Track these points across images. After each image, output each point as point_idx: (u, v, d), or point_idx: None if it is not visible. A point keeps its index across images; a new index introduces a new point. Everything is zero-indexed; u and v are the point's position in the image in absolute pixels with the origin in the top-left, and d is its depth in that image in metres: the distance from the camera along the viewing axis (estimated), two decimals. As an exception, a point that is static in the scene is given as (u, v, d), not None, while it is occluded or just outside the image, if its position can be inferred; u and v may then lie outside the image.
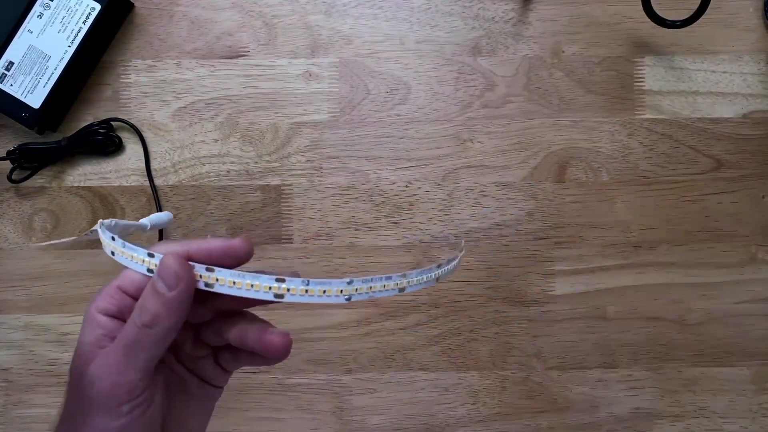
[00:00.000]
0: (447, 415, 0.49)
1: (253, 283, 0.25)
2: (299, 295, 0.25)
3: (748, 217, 0.50)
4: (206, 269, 0.25)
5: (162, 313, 0.25)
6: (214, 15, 0.50)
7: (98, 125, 0.49)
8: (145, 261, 0.26)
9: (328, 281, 0.25)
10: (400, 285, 0.27)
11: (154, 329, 0.25)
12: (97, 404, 0.25)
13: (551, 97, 0.50)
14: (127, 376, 0.25)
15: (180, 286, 0.25)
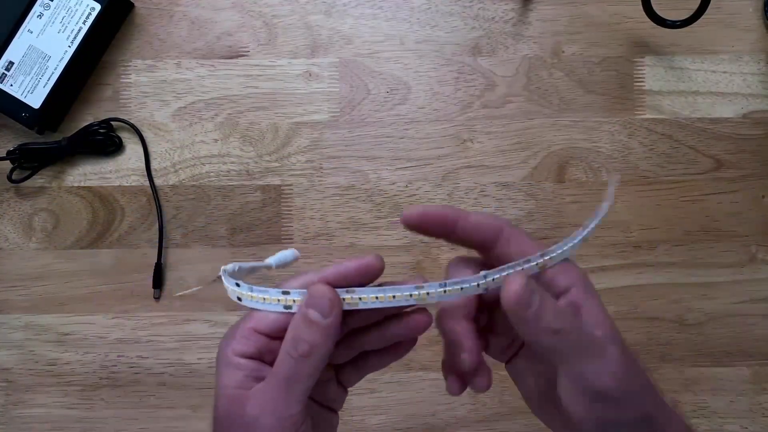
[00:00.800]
0: (448, 415, 0.49)
1: (395, 294, 0.26)
2: (438, 296, 0.27)
3: (748, 217, 0.50)
4: (347, 291, 0.26)
5: (319, 342, 0.25)
6: (214, 15, 0.50)
7: (98, 125, 0.49)
8: (281, 300, 0.26)
9: (463, 280, 0.26)
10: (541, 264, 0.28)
11: (312, 358, 0.25)
12: None
13: (551, 97, 0.50)
14: (290, 410, 0.25)
15: (334, 311, 0.25)
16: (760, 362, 0.49)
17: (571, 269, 0.28)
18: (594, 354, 0.25)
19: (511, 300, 0.25)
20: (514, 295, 0.25)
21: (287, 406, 0.25)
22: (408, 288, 0.26)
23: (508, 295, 0.25)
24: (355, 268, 0.27)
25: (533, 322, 0.25)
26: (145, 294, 0.49)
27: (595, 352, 0.26)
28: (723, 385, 0.49)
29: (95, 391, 0.49)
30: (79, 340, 0.49)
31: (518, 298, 0.25)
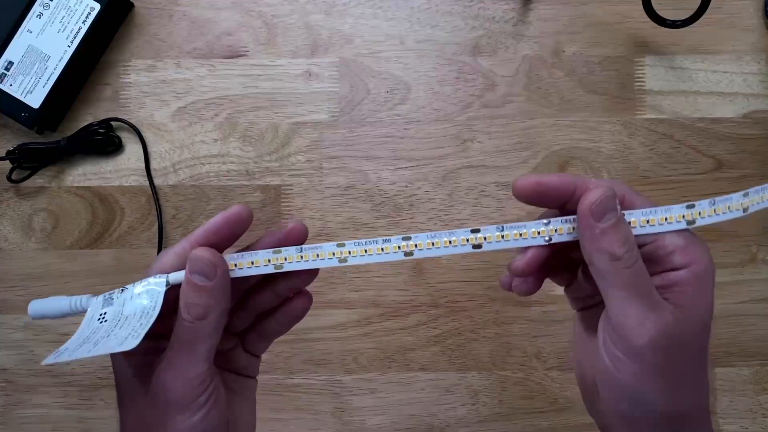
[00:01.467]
0: (447, 416, 0.49)
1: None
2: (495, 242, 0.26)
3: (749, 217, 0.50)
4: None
5: (211, 303, 0.26)
6: (214, 15, 0.50)
7: (98, 125, 0.49)
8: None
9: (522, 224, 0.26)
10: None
11: (208, 319, 0.26)
12: (174, 407, 0.26)
13: (552, 96, 0.50)
14: (196, 369, 0.26)
15: (219, 272, 0.26)
16: (761, 362, 0.49)
17: (698, 252, 0.25)
18: (644, 304, 0.24)
19: (585, 204, 0.24)
20: (589, 201, 0.24)
21: (192, 367, 0.26)
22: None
23: (584, 200, 0.24)
24: (223, 221, 0.27)
25: (597, 237, 0.24)
26: (144, 294, 0.49)
27: (646, 303, 0.24)
28: (723, 385, 0.49)
29: (95, 391, 0.49)
30: (78, 341, 0.49)
31: (592, 205, 0.24)
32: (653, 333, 0.24)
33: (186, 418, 0.26)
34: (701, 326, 0.25)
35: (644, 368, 0.24)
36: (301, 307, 0.30)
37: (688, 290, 0.25)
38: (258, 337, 0.31)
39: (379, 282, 0.49)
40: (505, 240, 0.26)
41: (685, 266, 0.25)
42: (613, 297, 0.24)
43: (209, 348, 0.26)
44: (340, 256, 0.27)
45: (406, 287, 0.49)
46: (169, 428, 0.26)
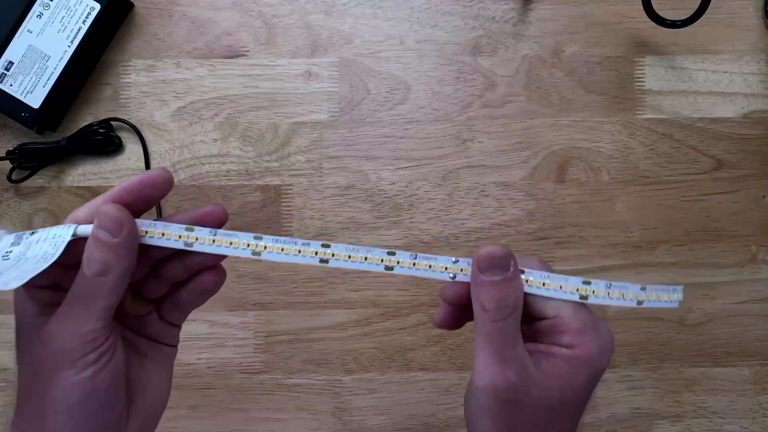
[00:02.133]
0: (447, 416, 0.49)
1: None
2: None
3: (749, 217, 0.50)
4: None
5: (112, 260, 0.25)
6: (214, 15, 0.50)
7: (98, 125, 0.49)
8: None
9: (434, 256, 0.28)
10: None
11: (108, 276, 0.25)
12: (61, 360, 0.25)
13: (551, 96, 0.50)
14: (87, 326, 0.25)
15: (124, 230, 0.26)
16: (761, 362, 0.49)
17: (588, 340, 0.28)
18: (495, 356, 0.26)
19: (477, 255, 0.27)
20: (482, 253, 0.27)
21: (84, 323, 0.25)
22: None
23: (480, 251, 0.27)
24: (138, 182, 0.27)
25: (476, 286, 0.27)
26: (144, 294, 0.49)
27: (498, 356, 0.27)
28: (723, 385, 0.49)
29: (95, 391, 0.49)
30: (78, 340, 0.49)
31: (480, 258, 0.27)
32: (488, 382, 0.26)
33: (73, 374, 0.25)
34: (554, 402, 0.27)
35: (481, 408, 0.27)
36: (212, 282, 0.30)
37: (562, 368, 0.27)
38: (172, 306, 0.30)
39: (379, 282, 0.49)
40: (416, 268, 0.27)
41: (570, 347, 0.27)
42: (477, 339, 0.27)
43: (106, 306, 0.26)
44: (255, 249, 0.27)
45: (406, 287, 0.49)
46: (55, 383, 0.25)
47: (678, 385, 0.49)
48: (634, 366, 0.49)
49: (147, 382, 0.30)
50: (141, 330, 0.30)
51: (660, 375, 0.49)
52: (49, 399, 0.25)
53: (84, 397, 0.25)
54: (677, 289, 0.29)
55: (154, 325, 0.30)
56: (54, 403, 0.25)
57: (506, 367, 0.26)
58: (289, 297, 0.49)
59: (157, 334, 0.31)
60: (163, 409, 0.31)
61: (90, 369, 0.25)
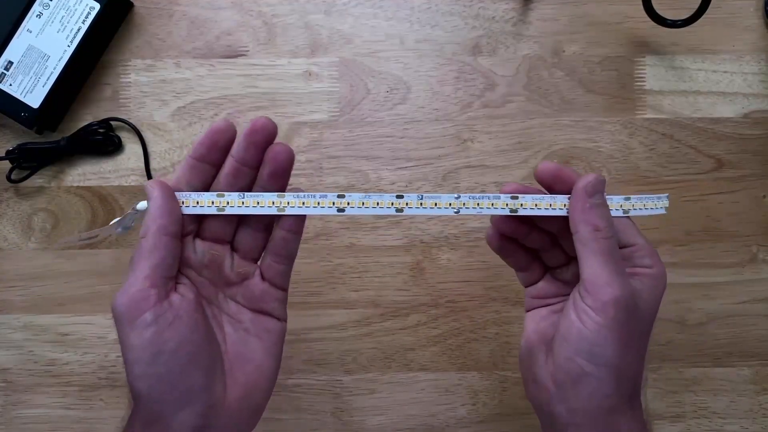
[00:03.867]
0: (447, 416, 0.49)
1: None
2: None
3: (749, 217, 0.50)
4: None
5: (147, 221, 0.28)
6: (214, 14, 0.50)
7: (97, 125, 0.49)
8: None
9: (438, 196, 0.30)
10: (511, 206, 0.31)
11: (147, 236, 0.28)
12: (126, 323, 0.27)
13: (552, 96, 0.50)
14: (136, 286, 0.27)
15: (153, 193, 0.29)
16: (761, 362, 0.49)
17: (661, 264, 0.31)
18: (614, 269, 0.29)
19: (581, 184, 0.30)
20: (585, 181, 0.30)
21: (133, 282, 0.28)
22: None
23: (581, 180, 0.30)
24: (206, 134, 0.31)
25: (586, 211, 0.29)
26: (144, 294, 0.49)
27: (616, 269, 0.29)
28: (723, 385, 0.49)
29: (94, 391, 0.49)
30: (78, 341, 0.49)
31: (588, 185, 0.30)
32: (618, 292, 0.28)
33: (138, 335, 0.27)
34: (653, 310, 0.30)
35: (605, 321, 0.28)
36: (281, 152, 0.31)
37: (648, 283, 0.30)
38: (272, 256, 0.32)
39: (379, 282, 0.49)
40: (423, 207, 0.30)
41: (650, 267, 0.31)
42: (591, 260, 0.29)
43: (150, 265, 0.28)
44: (279, 206, 0.30)
45: (406, 287, 0.49)
46: (126, 348, 0.27)
47: (678, 386, 0.49)
48: (634, 366, 0.49)
49: (250, 356, 0.31)
50: (246, 297, 0.32)
51: (660, 375, 0.49)
52: (128, 363, 0.27)
53: (151, 358, 0.27)
54: (662, 197, 0.32)
55: (257, 287, 0.32)
56: (132, 367, 0.27)
57: (626, 279, 0.29)
58: (289, 297, 0.49)
59: (262, 299, 0.32)
60: (269, 385, 0.32)
61: (150, 329, 0.27)
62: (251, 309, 0.32)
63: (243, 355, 0.31)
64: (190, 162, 0.30)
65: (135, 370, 0.27)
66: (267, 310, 0.32)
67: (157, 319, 0.27)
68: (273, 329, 0.32)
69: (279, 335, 0.32)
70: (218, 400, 0.28)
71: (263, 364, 0.31)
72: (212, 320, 0.31)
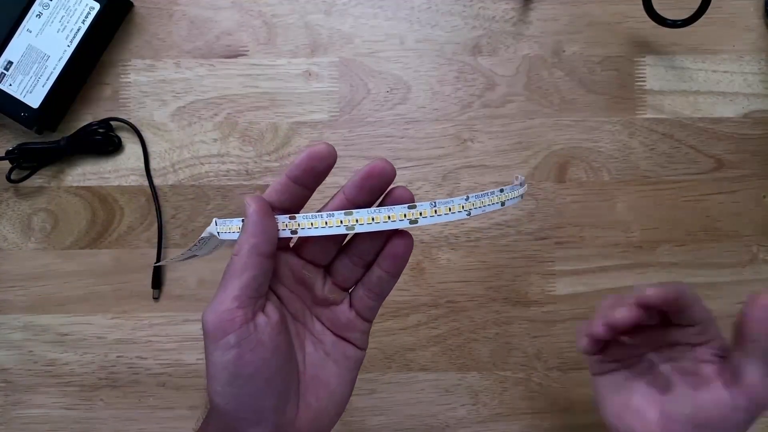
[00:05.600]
0: (447, 416, 0.49)
1: (390, 215, 0.28)
2: (430, 217, 0.28)
3: (749, 217, 0.50)
4: (345, 213, 0.29)
5: (242, 239, 0.28)
6: (214, 14, 0.50)
7: (97, 125, 0.49)
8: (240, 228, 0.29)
9: (451, 200, 0.28)
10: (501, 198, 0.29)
11: (240, 254, 0.27)
12: (210, 338, 0.27)
13: (552, 96, 0.50)
14: (224, 305, 0.27)
15: (249, 209, 0.28)
16: (761, 363, 0.49)
17: None
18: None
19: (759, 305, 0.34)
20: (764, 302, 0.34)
21: (222, 302, 0.27)
22: (401, 208, 0.28)
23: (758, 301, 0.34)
24: (305, 156, 0.29)
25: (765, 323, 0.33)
26: (144, 294, 0.49)
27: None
28: (724, 385, 0.49)
29: (94, 391, 0.49)
30: (78, 341, 0.49)
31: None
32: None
33: (220, 355, 0.27)
34: None
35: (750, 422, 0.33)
36: (403, 244, 0.30)
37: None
38: (365, 290, 0.31)
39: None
40: (437, 215, 0.28)
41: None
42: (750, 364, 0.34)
43: (240, 285, 0.27)
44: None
45: (406, 287, 0.49)
46: (210, 363, 0.27)
47: (678, 386, 0.49)
48: (634, 366, 0.49)
49: (325, 380, 0.31)
50: (331, 322, 0.31)
51: (660, 375, 0.49)
52: (210, 378, 0.27)
53: (231, 378, 0.27)
54: (520, 178, 0.31)
55: (344, 315, 0.32)
56: (213, 382, 0.27)
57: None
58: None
59: (346, 327, 0.32)
60: (339, 412, 0.31)
61: (232, 352, 0.27)
62: (334, 333, 0.32)
63: (319, 378, 0.30)
64: (284, 181, 0.30)
65: (214, 385, 0.27)
66: (349, 338, 0.32)
67: (240, 342, 0.27)
68: (352, 356, 0.32)
69: (357, 363, 0.32)
70: (289, 421, 0.29)
71: (337, 390, 0.31)
72: (295, 338, 0.30)
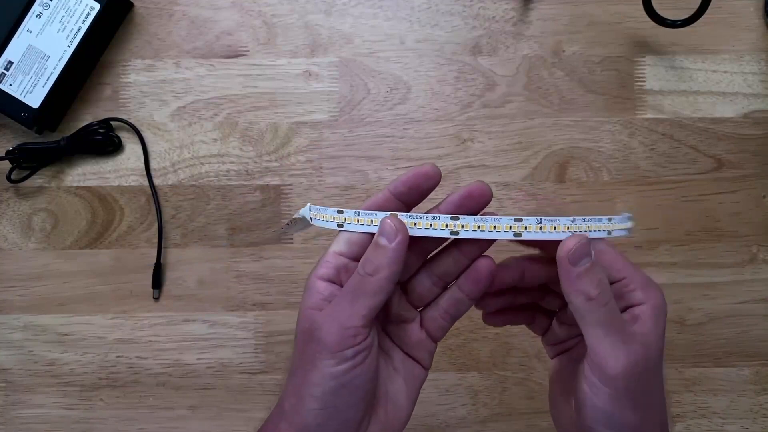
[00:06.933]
0: (447, 416, 0.49)
1: (495, 225, 0.28)
2: (534, 232, 0.28)
3: (749, 217, 0.50)
4: (451, 218, 0.28)
5: (383, 263, 0.28)
6: (214, 14, 0.50)
7: (97, 125, 0.49)
8: (335, 218, 0.30)
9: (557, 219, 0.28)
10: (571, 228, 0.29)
11: (375, 277, 0.27)
12: (325, 348, 0.27)
13: (552, 96, 0.50)
14: (351, 321, 0.27)
15: (398, 237, 0.28)
16: (761, 363, 0.49)
17: (654, 291, 0.29)
18: (617, 338, 0.27)
19: (563, 251, 0.27)
20: (566, 248, 0.27)
21: (349, 317, 0.27)
22: (508, 220, 0.28)
23: (562, 247, 0.27)
24: (412, 174, 0.30)
25: (574, 280, 0.27)
26: (144, 294, 0.49)
27: (619, 336, 0.27)
28: (723, 385, 0.49)
29: (94, 391, 0.49)
30: (78, 341, 0.49)
31: (569, 253, 0.27)
32: (625, 363, 0.27)
33: (331, 365, 0.27)
34: (659, 353, 0.29)
35: (618, 393, 0.27)
36: (488, 267, 0.30)
37: (649, 323, 0.28)
38: (439, 310, 0.31)
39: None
40: (541, 231, 0.28)
41: (645, 302, 0.29)
42: (591, 332, 0.27)
43: (370, 306, 0.28)
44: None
45: (406, 287, 0.49)
46: (315, 368, 0.28)
47: (678, 386, 0.49)
48: (634, 366, 0.49)
49: (393, 396, 0.31)
50: (401, 339, 0.32)
51: (660, 375, 0.49)
52: (309, 381, 0.28)
53: (338, 388, 0.28)
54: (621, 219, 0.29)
55: (414, 334, 0.32)
56: (311, 387, 0.28)
57: (632, 344, 0.27)
58: (289, 297, 0.49)
59: (415, 347, 0.32)
60: (402, 427, 0.32)
61: (346, 363, 0.27)
62: (402, 350, 0.32)
63: (388, 394, 0.31)
64: (387, 195, 0.30)
65: (312, 390, 0.28)
66: (417, 358, 0.32)
67: (356, 355, 0.28)
68: (418, 376, 0.32)
69: (421, 382, 0.32)
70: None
71: (402, 407, 0.31)
72: (376, 341, 0.31)
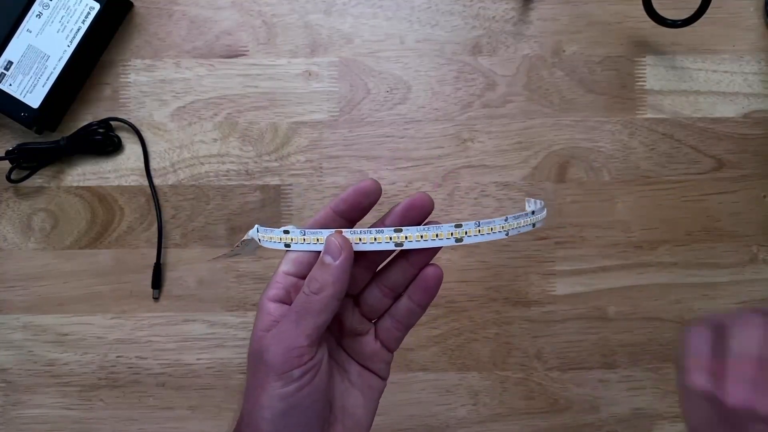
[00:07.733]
0: (447, 416, 0.49)
1: (438, 233, 0.28)
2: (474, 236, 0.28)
3: (749, 217, 0.50)
4: (395, 230, 0.28)
5: (328, 281, 0.28)
6: (214, 14, 0.50)
7: (97, 125, 0.49)
8: (282, 238, 0.30)
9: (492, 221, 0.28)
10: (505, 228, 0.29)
11: (320, 295, 0.28)
12: (272, 370, 0.28)
13: (552, 96, 0.50)
14: (296, 341, 0.27)
15: (342, 254, 0.28)
16: (761, 363, 0.49)
17: None
18: None
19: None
20: None
21: (295, 338, 0.27)
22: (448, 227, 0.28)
23: None
24: (352, 192, 0.30)
25: None
26: (144, 294, 0.49)
27: None
28: (724, 385, 0.49)
29: (94, 391, 0.49)
30: (77, 341, 0.49)
31: None
32: None
33: (279, 386, 0.27)
34: None
35: None
36: (435, 275, 0.30)
37: None
38: (392, 321, 0.32)
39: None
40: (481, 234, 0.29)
41: None
42: None
43: (315, 325, 0.28)
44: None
45: (406, 287, 0.49)
46: (264, 391, 0.28)
47: (678, 386, 0.49)
48: (634, 366, 0.49)
49: (351, 410, 0.31)
50: (356, 352, 0.32)
51: (661, 375, 0.49)
52: (259, 405, 0.28)
53: (287, 409, 0.28)
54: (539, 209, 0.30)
55: (369, 346, 0.32)
56: (262, 410, 0.28)
57: None
58: (289, 297, 0.49)
59: (371, 358, 0.32)
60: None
61: (293, 384, 0.28)
62: (359, 363, 0.32)
63: (345, 408, 0.31)
64: (328, 213, 0.30)
65: (264, 413, 0.28)
66: (373, 369, 0.32)
67: (303, 375, 0.28)
68: (375, 387, 0.32)
69: (380, 393, 0.33)
70: None
71: (361, 420, 0.31)
72: (325, 359, 0.31)
